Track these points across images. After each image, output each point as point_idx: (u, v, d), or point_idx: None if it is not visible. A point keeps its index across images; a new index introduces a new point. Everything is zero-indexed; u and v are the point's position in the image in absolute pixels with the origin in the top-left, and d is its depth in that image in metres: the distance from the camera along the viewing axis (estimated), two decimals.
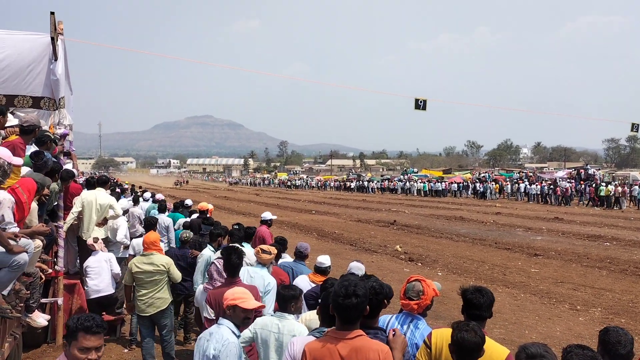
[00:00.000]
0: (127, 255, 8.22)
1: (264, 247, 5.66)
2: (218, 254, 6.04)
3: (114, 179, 33.29)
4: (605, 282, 11.64)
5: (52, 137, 6.93)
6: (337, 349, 2.77)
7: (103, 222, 7.85)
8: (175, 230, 10.04)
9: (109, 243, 8.02)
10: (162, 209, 10.96)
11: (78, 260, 8.14)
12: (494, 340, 3.18)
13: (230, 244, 4.94)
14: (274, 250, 5.71)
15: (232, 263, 4.51)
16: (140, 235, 8.79)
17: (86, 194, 7.80)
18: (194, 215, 10.58)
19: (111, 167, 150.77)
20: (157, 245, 6.11)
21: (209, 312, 4.50)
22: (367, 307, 2.84)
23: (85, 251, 7.86)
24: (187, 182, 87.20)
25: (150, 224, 7.52)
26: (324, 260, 5.46)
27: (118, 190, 16.96)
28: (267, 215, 8.90)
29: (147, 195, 15.43)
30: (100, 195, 7.87)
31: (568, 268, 13.32)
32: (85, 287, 7.40)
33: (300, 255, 6.15)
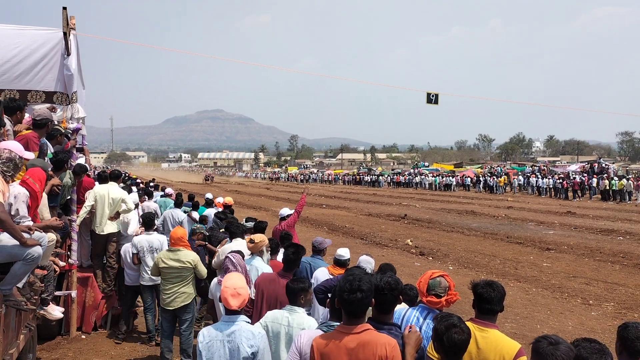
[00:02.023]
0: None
1: (252, 236, 5.73)
2: (232, 246, 6.12)
3: (126, 173, 33.47)
4: (618, 277, 11.54)
5: (64, 131, 6.99)
6: (345, 343, 2.78)
7: (116, 216, 7.91)
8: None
9: (121, 237, 8.09)
10: (178, 203, 10.95)
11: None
12: (505, 335, 3.19)
13: (293, 242, 5.10)
14: (258, 238, 5.71)
15: (288, 257, 4.74)
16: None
17: (99, 188, 7.87)
18: (213, 209, 10.62)
19: (123, 161, 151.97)
20: (184, 241, 6.19)
21: (252, 292, 4.62)
22: (373, 300, 2.86)
23: (98, 244, 7.95)
24: (211, 178, 72.06)
25: (149, 220, 7.54)
26: (344, 252, 5.51)
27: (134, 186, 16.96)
28: (285, 211, 8.96)
29: (169, 190, 15.05)
30: (112, 190, 7.93)
31: (580, 262, 13.22)
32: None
33: (316, 250, 6.13)
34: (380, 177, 59.80)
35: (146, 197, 12.08)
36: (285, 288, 3.95)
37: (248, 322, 3.55)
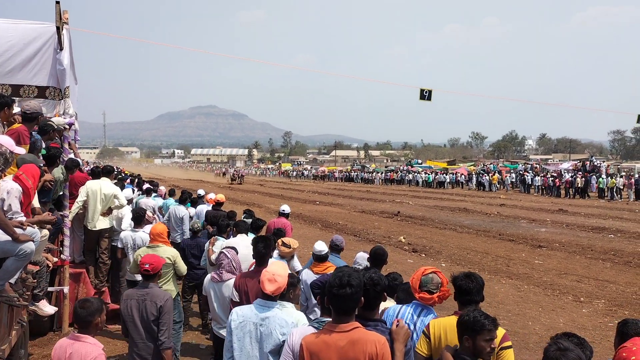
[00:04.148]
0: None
1: (286, 240, 5.68)
2: (226, 242, 6.10)
3: (119, 169, 33.26)
4: (609, 274, 11.63)
5: (56, 126, 6.94)
6: (334, 341, 2.77)
7: (108, 212, 7.88)
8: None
9: (114, 233, 8.06)
10: (182, 200, 10.98)
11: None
12: None
13: (261, 235, 5.01)
14: (294, 243, 5.72)
15: (258, 252, 4.59)
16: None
17: (91, 184, 7.83)
18: (205, 206, 10.63)
19: (115, 156, 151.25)
20: (164, 237, 6.07)
21: (234, 295, 4.58)
22: (362, 298, 2.84)
23: (91, 240, 7.91)
24: (241, 177, 56.35)
25: (139, 216, 7.52)
26: (321, 247, 5.48)
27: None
28: (286, 208, 9.12)
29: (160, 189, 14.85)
30: (104, 185, 7.90)
31: (572, 260, 13.31)
32: None
33: (336, 249, 6.10)
34: (373, 174, 59.94)
35: (144, 194, 12.11)
36: None
37: (288, 309, 3.57)
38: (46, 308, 5.71)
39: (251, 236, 6.45)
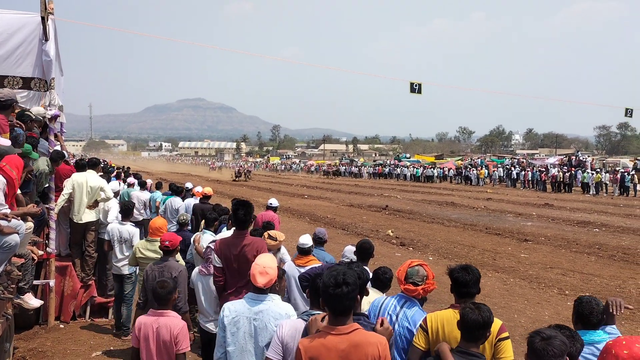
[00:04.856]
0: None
1: (272, 232, 5.66)
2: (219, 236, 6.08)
3: (106, 161, 32.83)
4: (594, 268, 11.78)
5: (34, 117, 6.84)
6: (335, 344, 2.66)
7: (94, 205, 7.81)
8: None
9: (101, 225, 8.00)
10: (178, 192, 11.12)
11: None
12: None
13: (240, 199, 4.98)
14: (281, 236, 5.71)
15: (238, 217, 4.58)
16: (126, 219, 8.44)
17: (77, 176, 7.74)
18: (193, 199, 10.63)
19: (102, 149, 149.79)
20: (163, 232, 6.07)
21: (216, 260, 4.58)
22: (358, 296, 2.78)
23: (77, 233, 7.84)
24: (247, 174, 49.66)
25: (126, 209, 7.46)
26: (306, 240, 5.48)
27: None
28: (274, 202, 9.15)
29: (131, 179, 14.72)
30: (91, 178, 7.81)
31: (557, 253, 13.46)
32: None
33: (319, 241, 6.09)
34: (361, 168, 60.03)
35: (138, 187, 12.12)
36: None
37: (276, 301, 3.56)
38: (32, 301, 5.66)
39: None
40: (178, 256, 6.03)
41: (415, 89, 17.63)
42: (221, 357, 3.59)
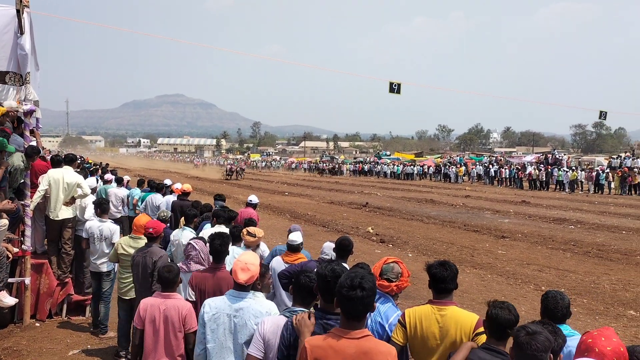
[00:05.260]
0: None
1: (251, 229, 5.65)
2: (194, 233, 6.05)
3: (83, 158, 32.32)
4: (569, 264, 12.00)
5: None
6: (343, 348, 2.57)
7: (71, 201, 7.69)
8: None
9: (78, 222, 7.88)
10: (158, 189, 11.07)
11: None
12: (462, 309, 3.37)
13: (218, 231, 4.93)
14: (259, 232, 5.70)
15: (215, 249, 4.47)
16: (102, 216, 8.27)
17: (53, 172, 7.61)
18: (172, 196, 10.56)
19: (79, 145, 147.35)
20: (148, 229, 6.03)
21: (189, 294, 4.48)
22: (368, 300, 2.60)
23: (53, 230, 7.72)
24: (239, 173, 45.78)
25: (102, 205, 7.36)
26: (296, 237, 5.46)
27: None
28: (254, 198, 9.08)
29: (109, 176, 14.49)
30: (67, 174, 7.68)
31: (534, 250, 13.69)
32: None
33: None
34: (342, 166, 60.13)
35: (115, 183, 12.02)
36: None
37: (258, 299, 3.54)
38: (6, 299, 5.57)
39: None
40: None
41: (395, 88, 17.74)
42: (201, 353, 3.58)
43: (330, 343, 2.60)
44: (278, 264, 5.34)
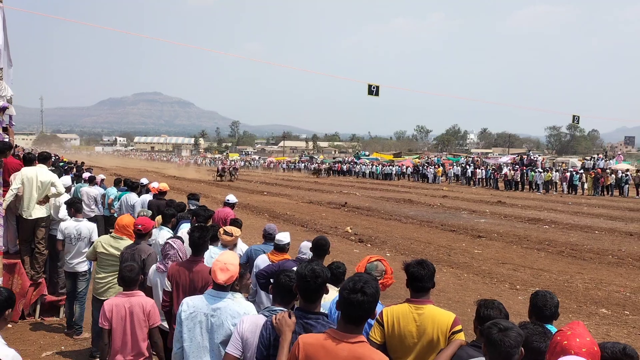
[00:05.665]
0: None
1: (227, 228, 5.62)
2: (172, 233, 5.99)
3: (58, 156, 31.69)
4: (544, 263, 12.22)
5: None
6: (335, 350, 2.54)
7: (45, 200, 7.54)
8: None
9: (52, 222, 7.74)
10: (133, 188, 10.95)
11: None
12: (439, 308, 3.41)
13: (197, 225, 4.92)
14: (236, 231, 5.67)
15: (194, 241, 4.51)
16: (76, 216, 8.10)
17: (26, 170, 7.46)
18: (148, 195, 10.46)
19: (53, 143, 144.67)
20: (129, 230, 5.92)
21: (166, 285, 4.49)
22: (366, 305, 2.56)
23: (26, 230, 7.57)
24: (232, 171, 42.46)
25: (74, 204, 7.24)
26: (283, 237, 5.46)
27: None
28: (232, 198, 9.04)
29: (86, 174, 14.34)
30: (41, 172, 7.54)
31: (509, 249, 13.90)
32: None
33: (269, 237, 6.06)
34: (321, 165, 60.13)
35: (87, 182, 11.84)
36: None
37: (237, 299, 3.53)
38: None
39: None
40: None
41: (373, 90, 17.83)
42: (177, 352, 3.57)
43: (323, 343, 2.58)
44: (264, 263, 5.34)
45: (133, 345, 4.28)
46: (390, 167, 50.44)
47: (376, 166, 52.45)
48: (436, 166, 46.22)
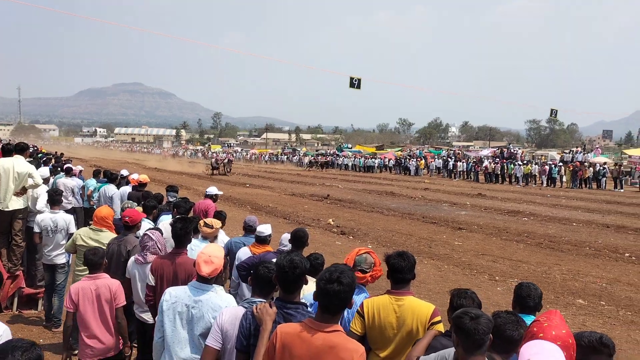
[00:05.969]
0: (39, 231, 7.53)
1: (208, 220, 5.59)
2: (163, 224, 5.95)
3: (36, 147, 31.16)
4: (522, 255, 12.39)
5: None
6: (310, 339, 2.59)
7: (22, 192, 7.41)
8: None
9: (29, 213, 7.62)
10: (112, 179, 10.77)
11: None
12: (419, 299, 3.44)
13: (180, 215, 4.90)
14: (216, 223, 5.64)
15: (176, 233, 4.47)
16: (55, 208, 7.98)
17: (3, 161, 7.32)
18: (128, 187, 10.35)
19: (32, 134, 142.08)
20: (108, 222, 5.88)
21: (150, 279, 4.45)
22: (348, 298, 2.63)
23: (3, 222, 7.44)
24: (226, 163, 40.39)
25: (55, 196, 7.13)
26: (264, 229, 5.45)
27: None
28: (213, 190, 8.87)
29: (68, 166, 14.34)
30: (18, 163, 7.40)
31: (489, 241, 14.07)
32: None
33: (250, 229, 6.02)
34: (303, 157, 60.06)
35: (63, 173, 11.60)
36: None
37: (218, 292, 3.52)
38: None
39: None
40: None
41: (355, 83, 17.84)
42: (158, 341, 3.57)
43: (299, 332, 2.63)
44: (245, 255, 5.33)
45: (104, 323, 4.48)
46: (373, 159, 50.62)
47: (359, 159, 52.59)
48: (418, 159, 46.53)
